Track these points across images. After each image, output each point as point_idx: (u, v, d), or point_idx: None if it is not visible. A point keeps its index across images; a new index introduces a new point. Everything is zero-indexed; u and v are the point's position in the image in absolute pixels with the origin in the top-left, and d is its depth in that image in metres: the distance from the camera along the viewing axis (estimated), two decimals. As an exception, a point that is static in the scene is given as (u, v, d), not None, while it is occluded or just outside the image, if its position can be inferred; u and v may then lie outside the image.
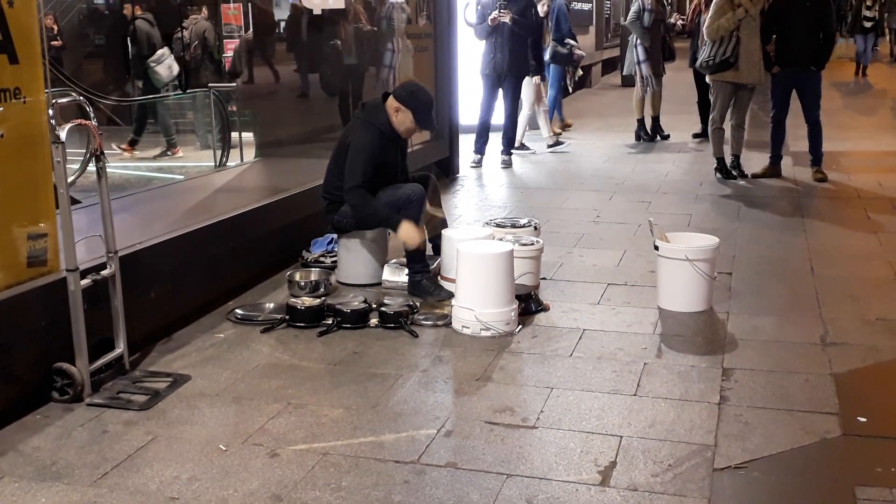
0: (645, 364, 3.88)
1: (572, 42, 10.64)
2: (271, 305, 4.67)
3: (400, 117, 4.90)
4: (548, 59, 10.19)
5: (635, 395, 3.58)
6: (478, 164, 8.90)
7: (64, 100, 3.69)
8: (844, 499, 2.81)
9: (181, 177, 7.94)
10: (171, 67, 9.20)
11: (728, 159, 8.11)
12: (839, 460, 3.09)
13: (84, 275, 3.58)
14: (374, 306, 4.51)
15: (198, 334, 4.33)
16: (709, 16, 7.81)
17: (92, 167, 3.73)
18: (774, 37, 7.72)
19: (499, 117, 8.91)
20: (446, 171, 8.33)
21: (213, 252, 4.76)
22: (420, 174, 5.39)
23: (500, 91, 8.77)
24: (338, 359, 4.02)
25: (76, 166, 3.88)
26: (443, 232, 5.04)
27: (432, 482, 2.92)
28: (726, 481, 2.92)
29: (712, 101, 8.08)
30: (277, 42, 9.13)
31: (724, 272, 5.03)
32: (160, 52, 9.07)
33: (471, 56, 9.08)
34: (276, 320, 4.42)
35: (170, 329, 4.32)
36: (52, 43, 8.49)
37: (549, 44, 10.19)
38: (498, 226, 5.27)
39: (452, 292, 4.50)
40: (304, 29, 8.42)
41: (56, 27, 9.56)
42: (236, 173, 7.07)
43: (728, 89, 7.84)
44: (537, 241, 4.96)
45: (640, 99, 10.33)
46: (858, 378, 3.75)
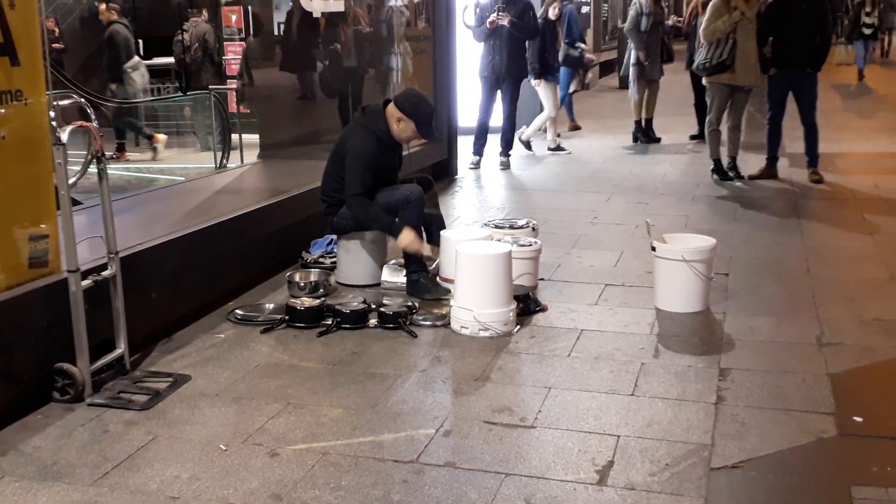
0: (642, 364, 3.90)
1: (583, 45, 10.66)
2: (271, 306, 4.69)
3: (402, 126, 4.93)
4: (559, 62, 10.21)
5: (632, 394, 3.59)
6: (476, 165, 8.93)
7: (65, 101, 3.70)
8: (840, 498, 2.83)
9: (181, 178, 7.97)
10: (144, 75, 9.34)
11: (725, 161, 8.12)
12: (835, 460, 3.10)
13: (85, 275, 3.60)
14: (373, 307, 4.53)
15: (198, 335, 4.35)
16: (705, 18, 7.81)
17: (93, 168, 3.74)
18: (771, 39, 7.74)
19: (497, 119, 8.94)
20: (445, 173, 8.35)
21: (214, 253, 4.78)
22: (421, 177, 5.40)
23: (499, 93, 8.80)
24: (337, 359, 4.03)
25: (77, 168, 3.89)
26: (441, 233, 5.07)
27: (431, 481, 2.93)
28: (723, 481, 2.93)
29: (709, 103, 8.09)
30: (277, 44, 9.15)
31: (720, 273, 5.04)
32: (135, 60, 9.19)
33: (469, 58, 9.10)
34: (276, 321, 4.44)
35: (170, 329, 4.34)
36: (53, 45, 8.53)
37: (561, 47, 10.22)
38: (496, 227, 5.29)
39: (450, 289, 4.53)
40: (305, 31, 8.43)
41: (57, 30, 9.59)
42: (236, 175, 7.08)
43: (724, 91, 7.86)
44: (535, 242, 4.98)
45: (639, 101, 10.36)
46: (854, 378, 3.77)
